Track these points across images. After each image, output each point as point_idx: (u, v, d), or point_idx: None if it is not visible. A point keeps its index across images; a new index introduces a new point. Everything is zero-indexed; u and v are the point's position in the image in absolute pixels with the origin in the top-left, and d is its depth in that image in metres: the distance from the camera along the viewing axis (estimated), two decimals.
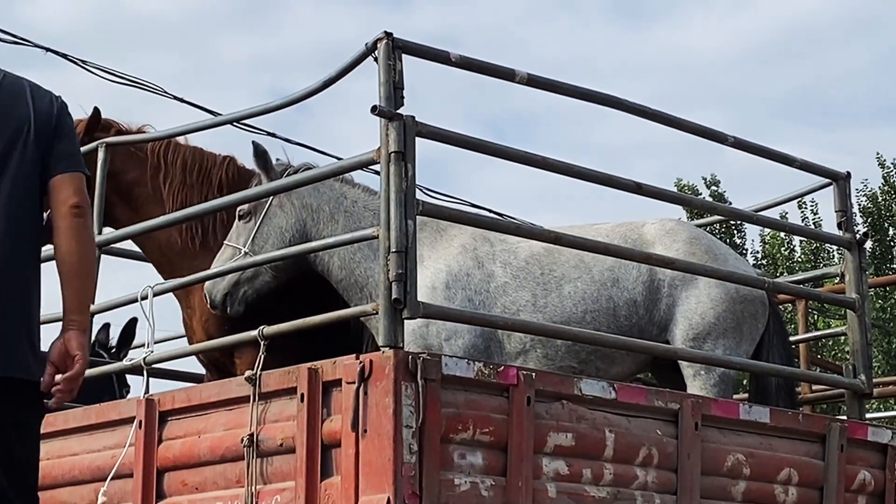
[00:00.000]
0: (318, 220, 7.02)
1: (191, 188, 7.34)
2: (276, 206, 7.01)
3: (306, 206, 7.02)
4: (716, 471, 5.99)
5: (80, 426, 6.40)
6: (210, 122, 7.11)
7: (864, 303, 7.00)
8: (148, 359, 6.34)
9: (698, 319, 6.90)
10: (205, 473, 5.73)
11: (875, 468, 6.66)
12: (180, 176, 7.34)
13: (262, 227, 6.98)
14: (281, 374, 5.46)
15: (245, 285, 6.95)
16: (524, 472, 5.30)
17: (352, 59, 5.63)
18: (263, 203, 7.00)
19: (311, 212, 7.02)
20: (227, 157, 7.50)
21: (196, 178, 7.37)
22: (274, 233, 6.98)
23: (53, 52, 10.14)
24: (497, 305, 6.78)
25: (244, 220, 7.02)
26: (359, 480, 5.05)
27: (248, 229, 6.99)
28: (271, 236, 6.97)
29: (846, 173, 7.12)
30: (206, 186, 7.36)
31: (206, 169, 7.41)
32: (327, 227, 6.99)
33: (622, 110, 6.34)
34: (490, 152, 5.81)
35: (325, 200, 7.05)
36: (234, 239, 7.02)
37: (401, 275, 5.19)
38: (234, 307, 6.95)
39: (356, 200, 7.10)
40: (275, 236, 6.97)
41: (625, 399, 5.71)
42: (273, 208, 7.00)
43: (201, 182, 7.37)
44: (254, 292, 6.97)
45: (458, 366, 5.19)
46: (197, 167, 7.40)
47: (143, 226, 6.89)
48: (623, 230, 7.09)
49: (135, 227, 6.94)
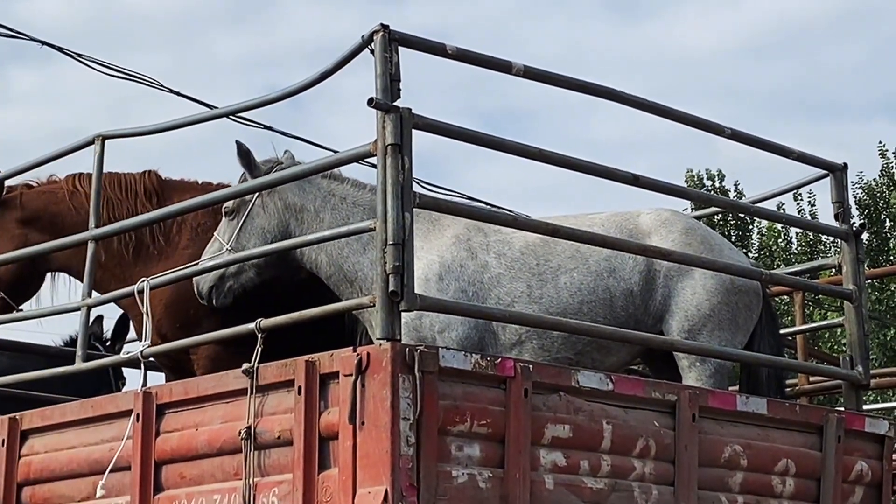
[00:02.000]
0: (302, 220, 7.03)
1: (118, 201, 7.55)
2: (258, 206, 7.05)
3: (289, 207, 7.04)
4: (713, 462, 5.99)
5: (77, 419, 6.40)
6: (206, 115, 7.10)
7: (861, 294, 6.99)
8: (145, 352, 6.35)
9: (694, 310, 6.90)
10: (202, 466, 5.74)
11: (872, 459, 6.67)
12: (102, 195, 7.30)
13: (244, 226, 7.04)
14: (278, 367, 5.46)
15: (230, 280, 7.07)
16: (522, 463, 5.30)
17: (348, 51, 5.63)
18: (247, 201, 7.05)
19: (294, 212, 7.04)
20: (146, 171, 7.73)
21: (120, 192, 7.59)
22: (256, 233, 7.03)
23: (50, 46, 10.15)
24: (491, 296, 6.77)
25: (229, 217, 7.11)
26: (356, 472, 5.05)
27: (231, 227, 7.07)
28: (253, 236, 7.02)
29: (843, 164, 7.12)
30: (131, 196, 7.59)
31: (127, 182, 7.66)
32: (311, 226, 7.00)
33: (618, 102, 6.33)
34: (487, 144, 5.80)
35: (311, 199, 7.06)
36: (222, 234, 7.11)
37: (398, 267, 5.19)
38: (221, 299, 7.08)
39: (344, 197, 7.10)
40: (256, 237, 7.02)
41: (622, 391, 5.71)
42: (256, 208, 7.05)
43: (125, 193, 7.60)
44: (239, 287, 7.08)
45: (455, 358, 5.19)
46: (116, 183, 7.63)
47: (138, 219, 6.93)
48: (618, 220, 7.08)
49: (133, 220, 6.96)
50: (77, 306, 6.89)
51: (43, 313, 7.36)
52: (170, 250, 7.49)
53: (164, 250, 7.49)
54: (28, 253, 7.40)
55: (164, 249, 7.50)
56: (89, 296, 6.85)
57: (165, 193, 7.61)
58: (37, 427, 6.59)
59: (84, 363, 6.77)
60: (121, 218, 7.37)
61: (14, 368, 7.88)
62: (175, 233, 7.51)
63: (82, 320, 6.83)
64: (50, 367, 7.27)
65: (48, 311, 7.28)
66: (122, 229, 7.02)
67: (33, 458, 6.55)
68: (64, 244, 7.31)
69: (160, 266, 7.33)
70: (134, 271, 7.42)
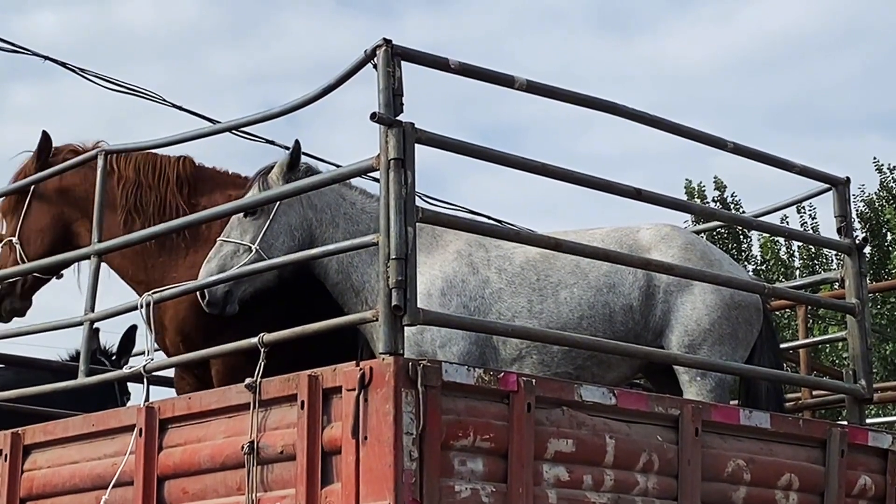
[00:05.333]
0: (322, 222, 7.04)
1: (147, 188, 7.44)
2: (285, 203, 6.99)
3: (313, 206, 7.04)
4: (716, 476, 5.99)
5: (80, 434, 6.40)
6: (209, 129, 7.12)
7: (864, 308, 7.00)
8: (148, 366, 6.35)
9: (694, 325, 6.91)
10: (205, 481, 5.73)
11: (876, 473, 6.66)
12: (133, 177, 7.42)
13: (272, 224, 6.94)
14: (281, 382, 5.46)
15: (247, 283, 6.87)
16: (525, 478, 5.30)
17: (351, 66, 5.64)
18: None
19: (316, 212, 7.04)
20: (182, 156, 7.60)
21: (152, 178, 7.47)
22: (284, 231, 6.96)
23: (52, 61, 10.16)
24: (492, 311, 6.78)
25: (252, 216, 6.95)
26: (359, 487, 5.05)
27: (256, 226, 6.92)
28: (281, 234, 6.94)
29: (845, 178, 7.13)
30: (162, 183, 7.45)
31: (162, 167, 7.52)
32: (329, 230, 7.01)
33: (620, 116, 6.34)
34: (489, 159, 5.81)
35: (327, 203, 7.06)
36: (238, 235, 6.94)
37: (401, 281, 5.19)
38: (233, 304, 6.87)
39: (354, 202, 7.13)
40: (285, 234, 6.95)
41: (625, 405, 5.71)
42: (283, 206, 6.98)
43: (158, 180, 7.46)
44: (254, 290, 6.92)
45: (458, 372, 5.19)
46: (151, 167, 7.51)
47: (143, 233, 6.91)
48: (618, 235, 7.09)
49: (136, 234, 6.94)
50: (79, 321, 6.87)
51: (45, 328, 7.35)
52: (199, 243, 7.30)
53: (192, 243, 7.33)
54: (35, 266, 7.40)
55: (191, 242, 7.34)
56: (92, 310, 6.84)
57: (198, 185, 7.48)
58: (39, 442, 6.59)
59: (87, 378, 6.76)
60: (147, 204, 7.33)
61: (18, 383, 7.88)
62: (205, 227, 7.26)
63: (85, 335, 6.82)
64: (54, 382, 7.26)
65: (51, 325, 7.27)
66: (128, 243, 6.98)
67: (36, 474, 6.55)
68: (67, 258, 7.30)
69: (189, 258, 7.25)
70: (158, 261, 7.33)
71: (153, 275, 7.35)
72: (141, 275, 7.40)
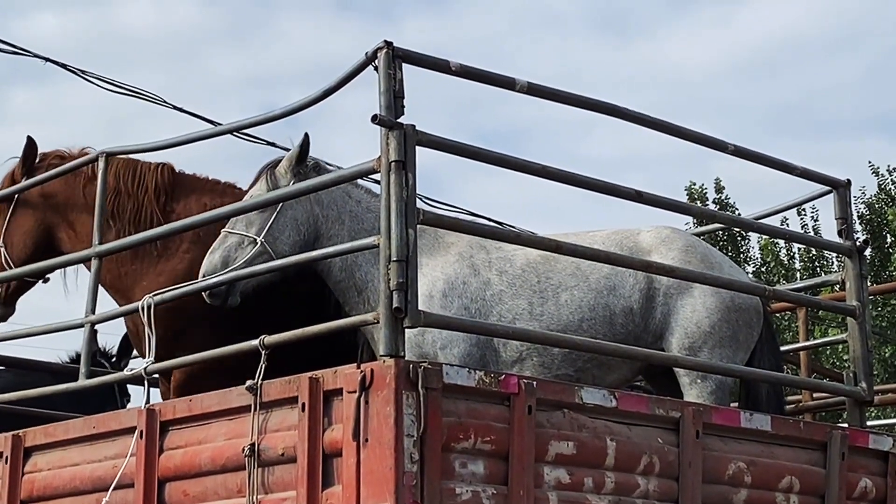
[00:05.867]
0: (328, 218, 7.02)
1: (126, 195, 7.45)
2: None
3: (319, 202, 7.01)
4: (717, 479, 5.99)
5: (80, 436, 6.40)
6: (210, 131, 7.11)
7: (864, 310, 7.00)
8: (148, 368, 6.34)
9: (694, 328, 6.91)
10: (206, 483, 5.73)
11: (876, 476, 6.66)
12: (113, 183, 7.38)
13: (278, 217, 6.90)
14: (282, 384, 5.46)
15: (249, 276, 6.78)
16: (525, 480, 5.29)
17: (352, 68, 5.64)
18: None
19: (322, 208, 7.02)
20: (162, 164, 7.60)
21: (131, 185, 7.47)
22: (289, 225, 6.92)
23: (52, 63, 10.16)
24: (493, 313, 6.78)
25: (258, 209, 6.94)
26: (360, 490, 5.05)
27: (262, 218, 6.86)
28: (287, 228, 6.91)
29: (846, 181, 7.13)
30: (141, 191, 7.46)
31: (141, 174, 7.52)
32: (334, 227, 6.99)
33: (622, 118, 6.34)
34: (490, 161, 5.81)
35: (333, 200, 7.04)
36: (243, 227, 6.89)
37: (402, 283, 5.19)
38: (234, 297, 6.80)
39: (360, 201, 7.12)
40: (290, 228, 6.91)
41: (626, 407, 5.71)
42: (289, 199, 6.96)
43: (136, 187, 7.47)
44: (256, 284, 6.86)
45: (459, 374, 5.19)
46: (131, 173, 7.51)
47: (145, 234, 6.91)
48: (618, 238, 7.09)
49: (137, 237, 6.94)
50: (80, 323, 6.87)
51: (46, 330, 7.35)
52: (170, 252, 7.33)
53: (163, 251, 7.34)
54: (29, 270, 7.41)
55: (162, 251, 7.35)
56: (93, 312, 6.84)
57: (175, 192, 7.50)
58: (40, 444, 6.59)
59: (87, 380, 6.76)
60: (123, 211, 7.35)
61: (19, 385, 7.87)
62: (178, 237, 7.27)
63: (85, 337, 6.82)
64: (55, 385, 7.25)
65: (51, 327, 7.27)
66: (128, 245, 6.99)
67: (36, 476, 6.55)
68: (69, 260, 7.30)
69: (159, 266, 7.27)
70: (130, 269, 7.34)
71: (126, 282, 7.35)
72: (116, 282, 7.40)
